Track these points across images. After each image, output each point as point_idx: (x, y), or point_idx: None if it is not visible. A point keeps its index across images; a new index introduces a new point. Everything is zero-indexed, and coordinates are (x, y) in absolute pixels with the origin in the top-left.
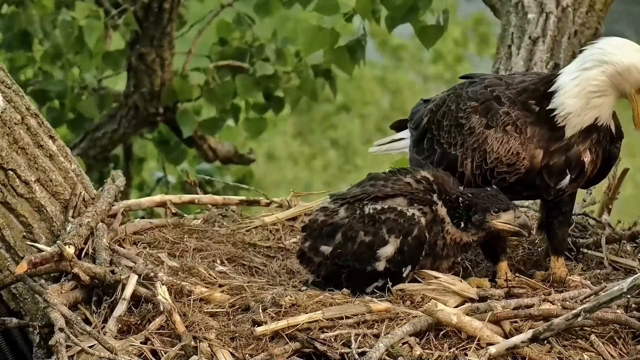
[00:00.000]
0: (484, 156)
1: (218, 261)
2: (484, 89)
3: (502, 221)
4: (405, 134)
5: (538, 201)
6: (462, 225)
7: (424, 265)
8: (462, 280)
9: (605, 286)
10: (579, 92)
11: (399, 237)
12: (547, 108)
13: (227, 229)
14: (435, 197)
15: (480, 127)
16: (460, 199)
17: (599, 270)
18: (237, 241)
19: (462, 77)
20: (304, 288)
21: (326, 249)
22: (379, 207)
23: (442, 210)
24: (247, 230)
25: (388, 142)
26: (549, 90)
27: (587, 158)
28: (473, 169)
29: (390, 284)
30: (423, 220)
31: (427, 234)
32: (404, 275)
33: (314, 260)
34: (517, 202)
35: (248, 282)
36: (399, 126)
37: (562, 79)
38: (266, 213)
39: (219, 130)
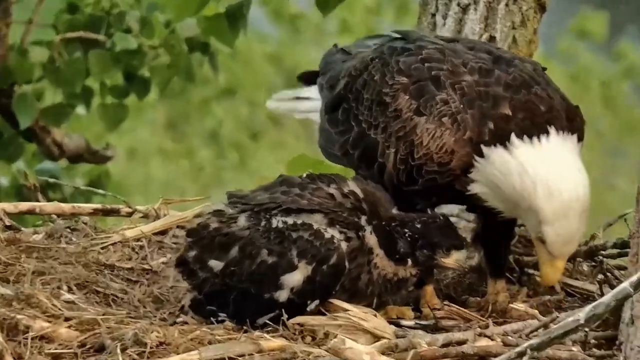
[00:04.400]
0: (411, 149)
1: (65, 287)
2: (421, 63)
3: (453, 261)
4: (314, 92)
5: None
6: (399, 257)
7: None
8: (378, 315)
9: (557, 316)
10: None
11: (312, 264)
12: None
13: (77, 246)
14: (363, 220)
15: (408, 111)
16: (406, 230)
17: (549, 297)
18: (89, 262)
19: (395, 32)
20: (180, 319)
21: (216, 265)
22: (290, 221)
23: (372, 239)
24: (102, 248)
25: (291, 99)
26: None
27: None
28: (396, 162)
29: (286, 316)
30: (344, 245)
31: (347, 264)
32: (308, 309)
33: (198, 275)
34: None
35: (103, 315)
36: (307, 78)
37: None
38: (128, 225)
39: (66, 119)
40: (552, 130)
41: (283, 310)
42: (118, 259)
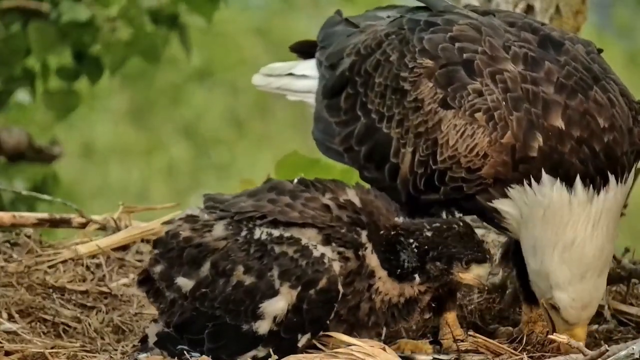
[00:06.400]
0: (433, 149)
1: (4, 314)
2: (450, 42)
3: (472, 276)
4: (311, 69)
5: None
6: (403, 273)
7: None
8: (387, 348)
9: (607, 350)
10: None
11: (296, 287)
12: None
13: (19, 264)
14: (364, 236)
15: (432, 102)
16: (411, 240)
17: (597, 326)
18: (34, 283)
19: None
20: (143, 355)
21: (185, 284)
22: (276, 233)
23: (373, 259)
24: (50, 267)
25: (282, 75)
26: None
27: None
28: (414, 164)
29: (274, 357)
30: (337, 267)
31: (340, 288)
32: (299, 344)
33: (164, 295)
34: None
35: (52, 348)
36: (303, 50)
37: None
38: (81, 239)
39: (3, 108)
40: (612, 179)
41: (268, 345)
42: (69, 280)
